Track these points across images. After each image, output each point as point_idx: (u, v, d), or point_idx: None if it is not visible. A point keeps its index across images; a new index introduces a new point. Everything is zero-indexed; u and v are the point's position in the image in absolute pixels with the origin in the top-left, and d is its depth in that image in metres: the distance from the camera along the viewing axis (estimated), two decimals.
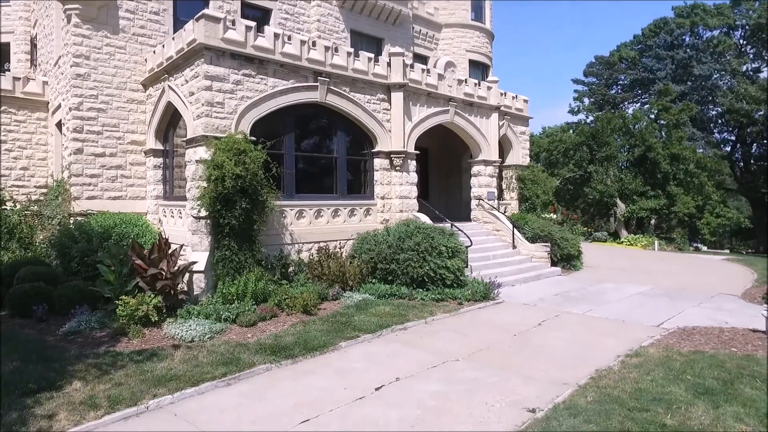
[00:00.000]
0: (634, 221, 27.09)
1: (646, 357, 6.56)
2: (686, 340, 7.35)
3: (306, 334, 7.52)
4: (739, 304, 10.51)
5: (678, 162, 25.55)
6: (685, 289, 12.26)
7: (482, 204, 16.50)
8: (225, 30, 10.25)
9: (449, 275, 10.61)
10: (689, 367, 6.03)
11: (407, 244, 10.83)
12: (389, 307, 9.47)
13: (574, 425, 4.61)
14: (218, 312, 8.22)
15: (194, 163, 10.09)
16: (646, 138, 26.58)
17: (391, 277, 10.93)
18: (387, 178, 13.72)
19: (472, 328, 8.52)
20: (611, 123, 27.95)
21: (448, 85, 15.25)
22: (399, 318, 8.88)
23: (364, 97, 13.09)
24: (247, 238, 9.68)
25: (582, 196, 29.06)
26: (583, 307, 10.22)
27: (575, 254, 15.81)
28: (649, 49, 42.47)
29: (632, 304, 10.54)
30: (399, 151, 13.61)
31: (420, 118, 14.36)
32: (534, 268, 14.28)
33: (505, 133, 17.93)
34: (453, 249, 10.84)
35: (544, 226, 15.75)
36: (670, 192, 25.27)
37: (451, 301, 10.30)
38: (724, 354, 6.53)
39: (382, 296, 10.33)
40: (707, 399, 5.12)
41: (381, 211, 13.57)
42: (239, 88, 10.49)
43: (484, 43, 22.84)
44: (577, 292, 11.83)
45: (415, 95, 14.22)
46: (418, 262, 10.60)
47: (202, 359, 6.46)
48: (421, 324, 8.72)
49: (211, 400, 5.39)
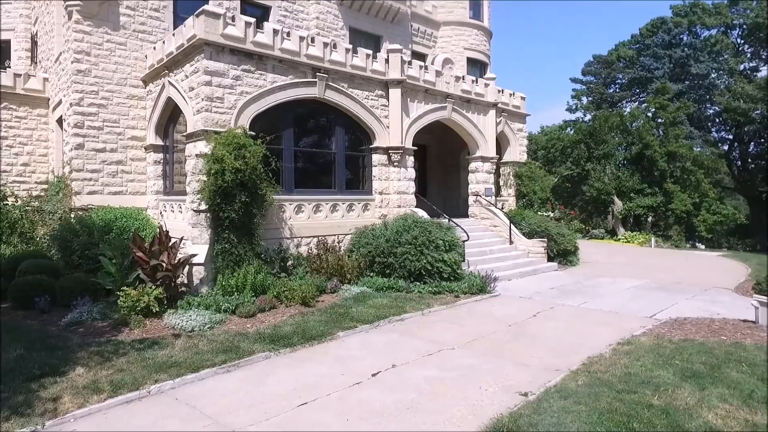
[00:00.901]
0: (631, 219, 27.25)
1: (637, 345, 6.70)
2: (677, 330, 7.50)
3: (304, 324, 7.65)
4: (732, 297, 10.65)
5: (675, 160, 25.74)
6: (680, 283, 12.41)
7: (480, 200, 16.64)
8: (225, 26, 10.37)
9: (446, 268, 10.75)
10: (678, 353, 6.17)
11: (404, 238, 10.96)
12: (387, 300, 9.61)
13: (564, 406, 4.74)
14: (218, 303, 8.35)
15: (194, 158, 10.22)
16: (644, 136, 26.75)
17: (388, 270, 11.06)
18: (385, 173, 13.85)
19: (469, 319, 8.66)
20: (609, 121, 28.12)
21: (446, 81, 15.39)
22: (396, 309, 9.01)
23: (362, 93, 13.22)
24: (246, 231, 9.81)
25: (580, 193, 29.22)
26: (578, 299, 10.36)
27: (572, 250, 15.95)
28: (647, 48, 42.65)
29: (627, 296, 10.68)
30: (397, 147, 13.74)
31: (418, 114, 14.49)
32: (531, 263, 14.42)
33: (502, 129, 18.06)
34: (450, 243, 10.97)
35: (541, 222, 15.90)
36: (667, 189, 25.46)
37: (448, 294, 10.44)
38: (713, 342, 6.68)
39: (380, 289, 10.45)
40: (694, 382, 5.26)
41: (379, 207, 13.70)
42: (239, 84, 10.62)
43: (482, 41, 22.97)
44: (573, 286, 11.97)
45: (412, 92, 14.35)
46: (415, 255, 10.73)
47: (202, 347, 6.59)
48: (417, 315, 8.86)
49: (211, 385, 5.52)
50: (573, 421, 4.42)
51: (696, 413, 4.57)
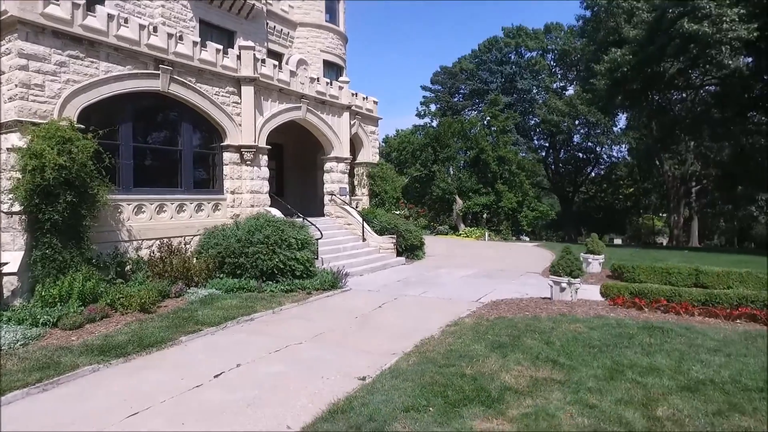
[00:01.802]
0: (470, 216, 30.61)
1: (461, 326, 7.76)
2: (494, 310, 8.85)
3: (142, 332, 7.24)
4: (539, 279, 12.82)
5: (504, 163, 29.63)
6: (502, 270, 14.47)
7: (335, 199, 17.21)
8: (46, 5, 9.18)
9: (299, 266, 11.00)
10: (491, 329, 7.34)
11: (256, 237, 10.93)
12: (236, 300, 9.52)
13: (395, 384, 5.37)
14: (35, 316, 7.43)
15: (5, 152, 8.87)
16: (479, 141, 30.26)
17: (239, 270, 10.92)
18: (237, 172, 13.57)
19: (319, 314, 9.03)
20: (451, 127, 31.17)
21: (301, 82, 15.60)
22: (246, 310, 8.99)
23: (213, 89, 12.77)
24: (73, 234, 8.84)
25: (429, 193, 31.84)
26: (420, 289, 11.46)
27: (418, 245, 17.43)
28: (484, 63, 48.13)
29: (460, 284, 12.14)
30: (250, 146, 13.56)
31: (272, 114, 14.46)
32: (382, 258, 15.42)
33: (356, 131, 18.90)
34: (303, 241, 11.25)
35: (391, 219, 17.07)
36: (498, 189, 29.21)
37: (300, 291, 10.70)
38: (518, 318, 8.06)
39: (230, 290, 10.29)
40: (499, 351, 6.35)
41: (231, 206, 13.37)
42: (64, 71, 9.49)
43: (338, 44, 23.61)
44: (417, 278, 13.16)
45: (266, 90, 14.27)
46: (267, 254, 10.78)
47: (11, 367, 5.84)
48: (268, 314, 8.95)
49: (22, 409, 4.95)
50: (400, 396, 5.04)
51: (497, 376, 5.55)
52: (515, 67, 46.68)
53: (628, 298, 8.68)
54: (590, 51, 27.37)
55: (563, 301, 9.20)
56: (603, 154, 45.65)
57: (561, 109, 40.14)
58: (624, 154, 45.09)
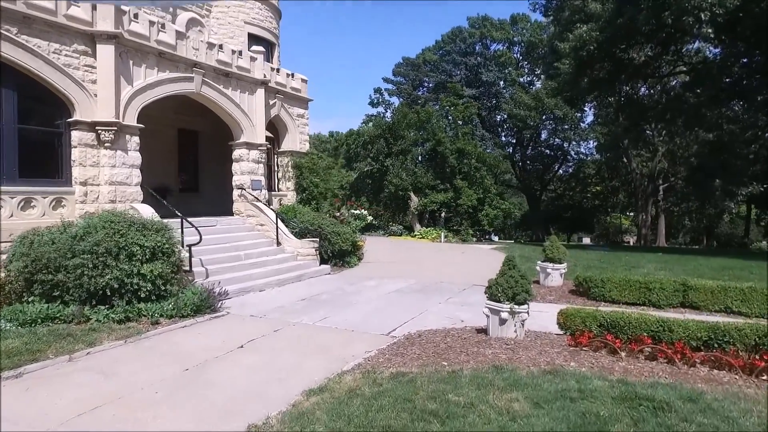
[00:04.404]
0: (427, 214, 27.78)
1: (330, 393, 4.78)
2: (399, 356, 5.91)
3: None
4: (483, 297, 9.94)
5: (463, 157, 26.89)
6: (443, 282, 11.62)
7: (245, 194, 14.07)
8: None
9: (145, 285, 7.83)
10: (368, 409, 4.30)
11: (83, 245, 7.71)
12: (24, 339, 6.39)
13: None
14: None
15: None
16: (437, 133, 27.43)
17: (59, 291, 7.69)
18: (93, 157, 10.30)
19: (138, 361, 5.95)
20: (407, 117, 28.27)
21: (194, 47, 12.39)
22: (28, 356, 5.92)
23: (50, 45, 9.49)
24: None
25: (383, 190, 28.88)
26: (322, 312, 8.51)
27: (349, 249, 14.42)
28: (448, 54, 45.48)
29: (379, 305, 9.21)
30: (109, 123, 10.30)
31: (147, 83, 11.22)
32: (298, 267, 12.37)
33: (278, 114, 15.80)
34: (153, 249, 8.07)
35: (315, 219, 14.01)
36: (457, 186, 26.45)
37: (143, 319, 7.58)
38: (425, 377, 5.08)
39: (34, 321, 7.10)
40: None
41: (82, 202, 10.11)
42: None
43: (267, 16, 20.34)
44: (330, 294, 10.18)
45: (139, 53, 11.03)
46: (96, 268, 7.58)
47: None
48: (60, 362, 5.87)
49: None
50: None
51: None
52: (480, 58, 44.20)
53: (597, 334, 5.88)
54: (555, 33, 24.89)
55: (503, 339, 6.34)
56: (571, 150, 43.69)
57: (528, 104, 37.83)
58: (592, 151, 43.24)
